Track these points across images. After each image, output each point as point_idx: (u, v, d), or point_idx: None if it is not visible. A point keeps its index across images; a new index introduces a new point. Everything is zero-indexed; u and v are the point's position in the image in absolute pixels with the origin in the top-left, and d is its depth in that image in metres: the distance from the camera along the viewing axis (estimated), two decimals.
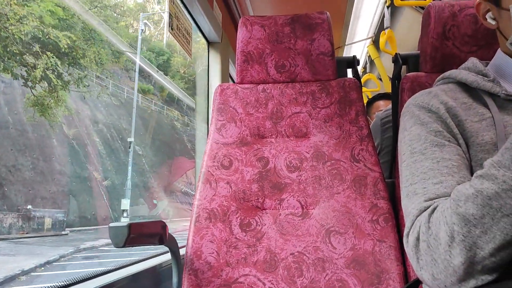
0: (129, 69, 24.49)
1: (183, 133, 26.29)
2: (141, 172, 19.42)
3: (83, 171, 15.50)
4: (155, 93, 26.81)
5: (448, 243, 0.59)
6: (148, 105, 24.22)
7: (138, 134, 20.47)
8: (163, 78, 27.07)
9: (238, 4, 2.57)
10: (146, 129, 22.00)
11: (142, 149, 20.51)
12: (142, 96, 23.88)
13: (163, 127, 24.04)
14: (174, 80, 28.23)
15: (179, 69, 30.14)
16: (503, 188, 0.55)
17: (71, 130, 16.08)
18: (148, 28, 28.68)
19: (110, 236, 0.84)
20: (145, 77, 26.03)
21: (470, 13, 1.09)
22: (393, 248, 1.04)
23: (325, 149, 1.16)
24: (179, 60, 30.25)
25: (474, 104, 0.78)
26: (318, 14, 1.25)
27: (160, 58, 27.45)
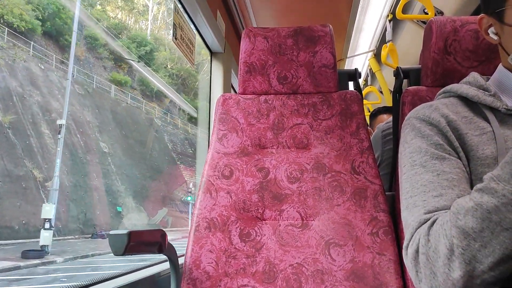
0: (103, 58, 22.51)
1: (164, 132, 23.96)
2: (105, 173, 16.71)
3: (17, 169, 12.54)
4: (133, 86, 24.45)
5: (447, 256, 0.59)
6: (124, 98, 21.94)
7: (106, 129, 18.27)
8: (146, 70, 25.22)
9: (242, 15, 2.59)
10: (117, 125, 19.37)
11: (109, 146, 17.88)
12: (118, 88, 21.98)
13: (139, 124, 21.57)
14: (158, 74, 26.40)
15: (166, 64, 28.55)
16: (503, 202, 0.55)
17: (8, 116, 13.15)
18: None
19: (110, 243, 0.84)
20: (123, 67, 24.00)
21: (471, 28, 1.10)
22: (392, 261, 1.04)
23: (326, 160, 1.17)
24: (165, 55, 28.58)
25: (475, 118, 0.78)
26: (321, 27, 1.26)
27: (142, 49, 25.46)
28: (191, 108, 28.10)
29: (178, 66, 29.39)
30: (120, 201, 16.98)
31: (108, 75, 22.26)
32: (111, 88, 21.29)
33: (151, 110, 24.53)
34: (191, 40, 1.85)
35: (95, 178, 16.00)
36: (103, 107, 19.02)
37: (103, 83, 20.93)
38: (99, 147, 17.27)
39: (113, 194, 16.78)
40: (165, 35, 31.44)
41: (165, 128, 24.37)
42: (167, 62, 28.87)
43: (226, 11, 2.38)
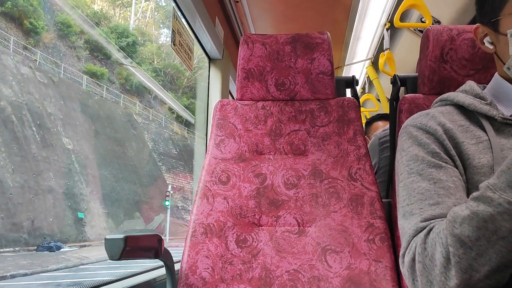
0: (77, 47, 20.60)
1: (145, 129, 21.72)
2: (65, 173, 14.32)
3: None
4: (111, 79, 22.53)
5: (443, 264, 0.59)
6: (99, 91, 19.96)
7: (72, 123, 15.96)
8: (127, 63, 23.47)
9: (240, 22, 2.61)
10: (86, 119, 17.03)
11: (73, 142, 15.46)
12: (93, 80, 20.10)
13: (115, 119, 19.17)
14: (142, 68, 24.58)
15: (152, 59, 27.10)
16: (499, 211, 0.55)
17: None
18: None
19: (106, 248, 0.84)
20: (100, 59, 22.17)
21: (467, 37, 1.11)
22: (389, 268, 1.04)
23: (323, 167, 1.17)
24: (151, 49, 27.18)
25: (471, 127, 0.78)
26: (319, 34, 1.27)
27: (123, 40, 23.53)
28: (180, 106, 26.86)
29: (165, 62, 28.00)
30: (83, 206, 14.59)
31: (82, 66, 20.57)
32: (83, 79, 19.31)
33: (131, 106, 22.69)
34: (189, 46, 1.86)
35: (51, 178, 13.57)
36: (70, 99, 16.67)
37: (75, 74, 19.08)
38: (60, 142, 14.86)
39: (74, 198, 14.36)
40: (153, 30, 30.12)
41: (146, 125, 22.45)
42: (153, 57, 27.49)
43: (225, 18, 2.39)
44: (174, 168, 22.47)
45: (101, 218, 15.27)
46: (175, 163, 22.88)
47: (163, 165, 21.57)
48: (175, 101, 26.90)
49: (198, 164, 2.20)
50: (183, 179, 22.80)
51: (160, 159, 21.65)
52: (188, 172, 23.32)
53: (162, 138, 23.42)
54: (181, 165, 23.32)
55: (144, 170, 19.57)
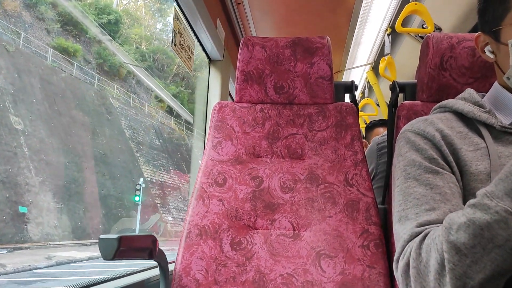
0: (47, 19, 18.15)
1: (122, 115, 19.23)
2: (9, 157, 11.88)
3: None
4: (87, 58, 20.13)
5: (438, 271, 0.59)
6: (69, 68, 17.64)
7: (26, 100, 13.66)
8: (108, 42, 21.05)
9: (241, 24, 2.61)
10: (47, 97, 14.65)
11: (25, 122, 13.12)
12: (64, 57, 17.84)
13: (85, 100, 16.85)
14: (124, 49, 22.30)
15: (140, 43, 25.02)
16: (495, 219, 0.55)
17: None
18: None
19: (99, 248, 0.83)
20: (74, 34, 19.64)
21: (467, 45, 1.11)
22: (382, 274, 1.03)
23: (319, 171, 1.17)
24: (138, 32, 25.01)
25: (470, 134, 0.78)
26: (319, 39, 1.27)
27: (104, 17, 21.35)
28: (168, 94, 24.93)
29: (153, 47, 26.10)
30: (27, 198, 12.02)
31: (52, 40, 18.22)
32: (49, 53, 16.91)
33: (109, 88, 20.31)
34: (190, 47, 1.86)
35: None
36: (27, 73, 14.40)
37: (41, 48, 16.78)
38: (7, 121, 12.49)
39: (16, 188, 11.74)
40: (143, 14, 27.94)
41: (124, 111, 19.88)
42: (141, 40, 25.54)
43: (226, 19, 2.39)
44: (155, 161, 20.35)
45: (52, 214, 12.75)
46: (156, 155, 20.79)
47: (142, 157, 19.42)
48: (163, 89, 25.28)
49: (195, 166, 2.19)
50: (165, 173, 20.80)
51: (138, 149, 19.35)
52: (172, 166, 21.66)
53: (144, 127, 21.16)
54: (164, 158, 21.36)
55: (116, 160, 17.11)
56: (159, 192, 19.48)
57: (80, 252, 12.16)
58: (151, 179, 19.08)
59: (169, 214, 19.17)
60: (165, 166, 21.06)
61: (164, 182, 20.32)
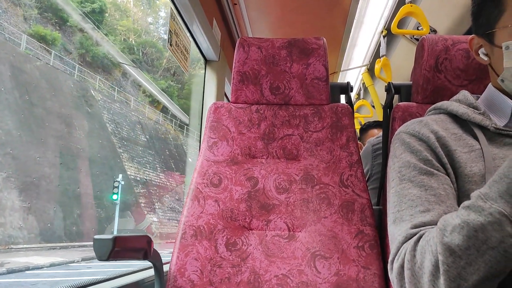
0: (23, 5, 16.95)
1: (104, 109, 17.91)
2: None
3: None
4: (68, 48, 18.94)
5: (432, 272, 0.59)
6: (47, 57, 16.42)
7: None
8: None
9: (238, 24, 2.61)
10: (18, 86, 13.44)
11: None
12: (42, 46, 16.77)
13: (62, 92, 15.41)
14: (108, 38, 20.88)
15: (127, 36, 23.76)
16: (489, 221, 0.55)
17: None
18: None
19: (94, 248, 0.83)
20: (53, 22, 18.45)
21: (462, 47, 1.12)
22: (377, 275, 1.04)
23: (315, 172, 1.17)
24: (126, 24, 23.87)
25: (464, 136, 0.79)
26: (315, 40, 1.27)
27: (87, 5, 20.27)
28: (156, 89, 23.66)
29: (141, 40, 24.98)
30: None
31: (29, 28, 17.12)
32: (23, 40, 15.74)
33: (91, 80, 18.99)
34: (186, 47, 1.86)
35: None
36: None
37: (16, 35, 15.69)
38: None
39: None
40: (132, 7, 26.51)
41: (107, 104, 18.63)
42: (129, 33, 24.25)
43: (222, 20, 2.39)
44: (140, 157, 19.07)
45: (17, 214, 11.58)
46: (142, 151, 19.50)
47: (125, 153, 18.04)
48: (151, 83, 24.18)
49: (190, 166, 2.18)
50: (151, 170, 19.57)
51: (121, 145, 17.99)
52: (159, 163, 20.44)
53: (128, 122, 19.78)
54: (150, 155, 20.07)
55: (96, 156, 15.80)
56: (143, 191, 18.31)
57: (43, 258, 10.77)
58: (135, 177, 17.91)
59: (154, 214, 18.05)
60: (151, 163, 19.97)
61: (150, 181, 19.22)
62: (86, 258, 11.53)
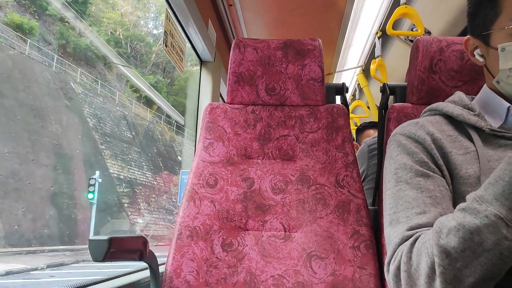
0: None
1: (85, 102, 16.69)
2: None
3: None
4: (48, 38, 17.70)
5: (428, 274, 0.59)
6: (22, 46, 15.41)
7: None
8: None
9: (233, 25, 2.61)
10: None
11: None
12: (16, 34, 15.71)
13: (38, 83, 14.33)
14: (92, 28, 19.69)
15: (114, 29, 22.67)
16: (485, 223, 0.56)
17: None
18: None
19: (90, 249, 0.83)
20: (32, 11, 17.33)
21: (457, 49, 1.12)
22: (373, 275, 1.04)
23: (311, 173, 1.17)
24: (113, 17, 22.77)
25: (459, 137, 0.79)
26: (310, 41, 1.28)
27: None
28: (145, 84, 22.21)
29: (129, 34, 23.93)
30: None
31: (5, 16, 16.16)
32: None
33: (72, 73, 17.67)
34: (181, 48, 1.86)
35: None
36: None
37: None
38: None
39: None
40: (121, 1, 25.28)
41: (89, 98, 17.37)
42: (116, 26, 23.13)
43: (217, 21, 2.39)
44: (124, 155, 17.67)
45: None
46: (127, 148, 18.07)
47: (108, 149, 16.69)
48: (140, 78, 22.58)
49: None
50: (136, 169, 18.08)
51: (104, 141, 16.67)
52: (146, 161, 19.03)
53: (113, 117, 18.37)
54: (136, 152, 18.69)
55: (74, 152, 14.55)
56: (127, 190, 16.81)
57: (1, 264, 9.57)
58: (118, 175, 16.53)
59: (139, 215, 16.73)
60: (137, 161, 18.59)
61: (135, 179, 17.79)
62: (52, 264, 10.44)
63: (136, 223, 16.20)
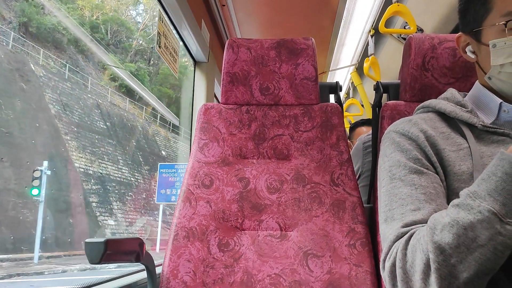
0: None
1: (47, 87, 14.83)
2: None
3: None
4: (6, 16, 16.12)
5: (423, 271, 0.60)
6: None
7: None
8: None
9: (226, 25, 2.61)
10: None
11: None
12: None
13: None
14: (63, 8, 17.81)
15: (92, 13, 21.03)
16: (478, 219, 0.56)
17: None
18: None
19: (86, 252, 0.83)
20: None
21: (449, 46, 1.13)
22: (369, 273, 1.05)
23: (306, 172, 1.18)
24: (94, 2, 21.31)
25: (452, 134, 0.80)
26: (304, 40, 1.28)
27: None
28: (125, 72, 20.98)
29: (107, 17, 22.35)
30: None
31: None
32: None
33: (34, 54, 16.07)
34: (175, 49, 1.85)
35: None
36: None
37: None
38: None
39: None
40: None
41: (53, 82, 15.38)
42: (92, 9, 21.61)
43: (211, 21, 2.39)
44: (95, 147, 15.65)
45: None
46: (99, 140, 16.02)
47: (74, 140, 14.60)
48: (119, 65, 21.07)
49: None
50: (110, 163, 16.07)
51: (69, 130, 14.57)
52: (122, 156, 17.02)
53: (83, 105, 16.30)
54: (110, 145, 16.61)
55: (29, 143, 12.66)
56: (97, 187, 14.75)
57: None
58: (86, 170, 14.52)
59: (110, 216, 14.79)
60: (111, 155, 16.49)
61: (107, 175, 15.71)
62: None
63: (106, 225, 14.34)
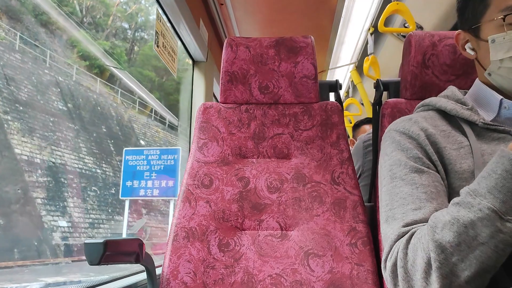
0: None
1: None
2: None
3: None
4: None
5: (424, 270, 0.60)
6: None
7: None
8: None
9: (225, 24, 2.60)
10: None
11: None
12: None
13: None
14: None
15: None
16: (479, 217, 0.56)
17: None
18: None
19: (85, 253, 0.82)
20: None
21: (449, 43, 1.12)
22: (370, 272, 1.04)
23: (306, 171, 1.17)
24: None
25: (453, 132, 0.79)
26: (303, 38, 1.27)
27: None
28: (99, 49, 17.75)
29: None
30: None
31: None
32: None
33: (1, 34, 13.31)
34: (173, 48, 1.85)
35: None
36: None
37: None
38: None
39: None
40: None
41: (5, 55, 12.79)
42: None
43: (209, 20, 2.38)
44: (48, 131, 13.04)
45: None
46: (54, 123, 13.35)
47: (17, 121, 12.20)
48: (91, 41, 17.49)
49: None
50: (67, 151, 13.26)
51: (11, 109, 12.19)
52: (86, 142, 14.14)
53: (36, 81, 13.62)
54: (71, 129, 13.97)
55: None
56: (45, 180, 12.32)
57: None
58: (32, 158, 12.05)
59: (62, 216, 12.00)
60: (70, 141, 13.79)
61: (62, 165, 13.09)
62: None
63: (55, 228, 11.60)
